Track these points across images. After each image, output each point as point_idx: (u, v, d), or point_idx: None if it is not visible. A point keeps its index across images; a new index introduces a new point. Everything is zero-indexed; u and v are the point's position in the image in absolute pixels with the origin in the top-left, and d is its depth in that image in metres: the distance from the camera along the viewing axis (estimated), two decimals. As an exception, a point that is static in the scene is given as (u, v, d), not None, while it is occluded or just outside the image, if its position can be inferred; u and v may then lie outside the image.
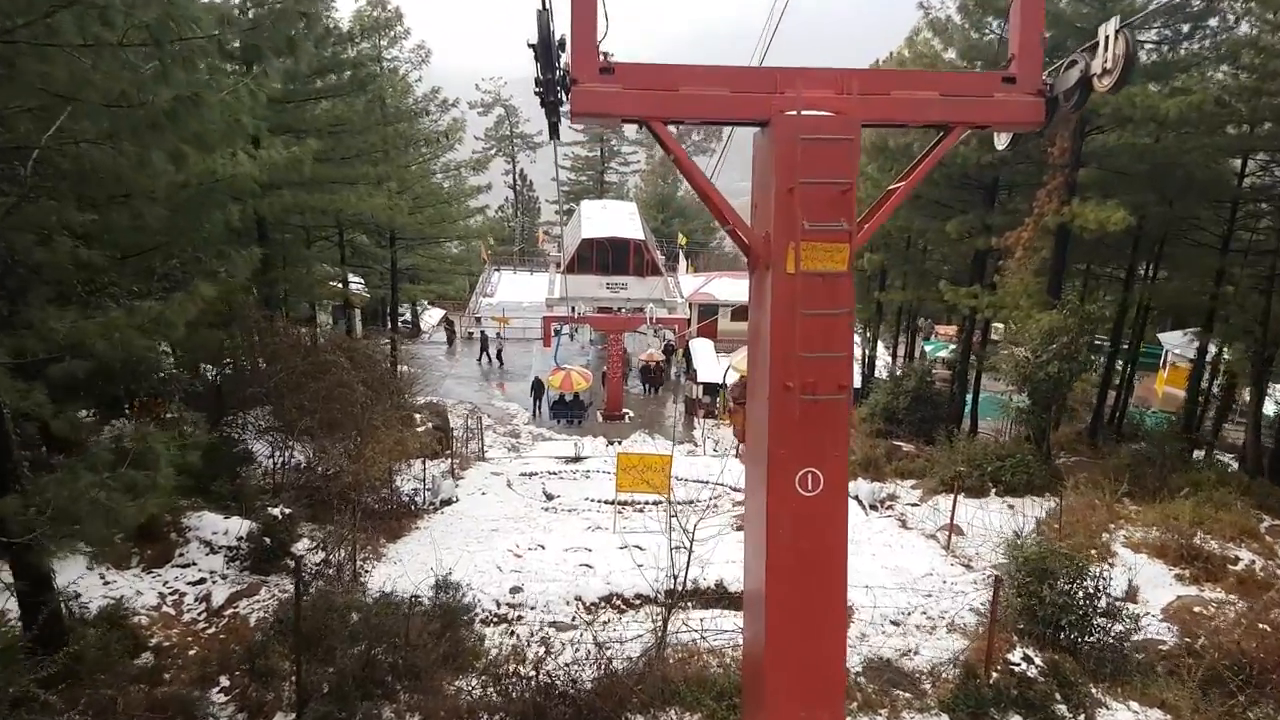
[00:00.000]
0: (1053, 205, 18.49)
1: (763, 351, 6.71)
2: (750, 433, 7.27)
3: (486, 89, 72.12)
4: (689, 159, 6.62)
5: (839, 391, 6.43)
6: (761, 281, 6.78)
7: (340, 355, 17.36)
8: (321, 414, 15.70)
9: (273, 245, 21.58)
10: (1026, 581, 10.31)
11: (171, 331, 8.34)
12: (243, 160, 13.72)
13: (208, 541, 13.45)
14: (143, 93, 6.69)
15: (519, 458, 28.82)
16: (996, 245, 20.36)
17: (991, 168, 21.02)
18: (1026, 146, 20.81)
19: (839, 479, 6.61)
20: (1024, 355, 17.82)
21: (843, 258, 6.36)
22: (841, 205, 6.31)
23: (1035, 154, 20.15)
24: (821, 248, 6.31)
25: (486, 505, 18.94)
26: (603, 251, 35.91)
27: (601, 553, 14.84)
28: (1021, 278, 19.32)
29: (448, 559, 13.79)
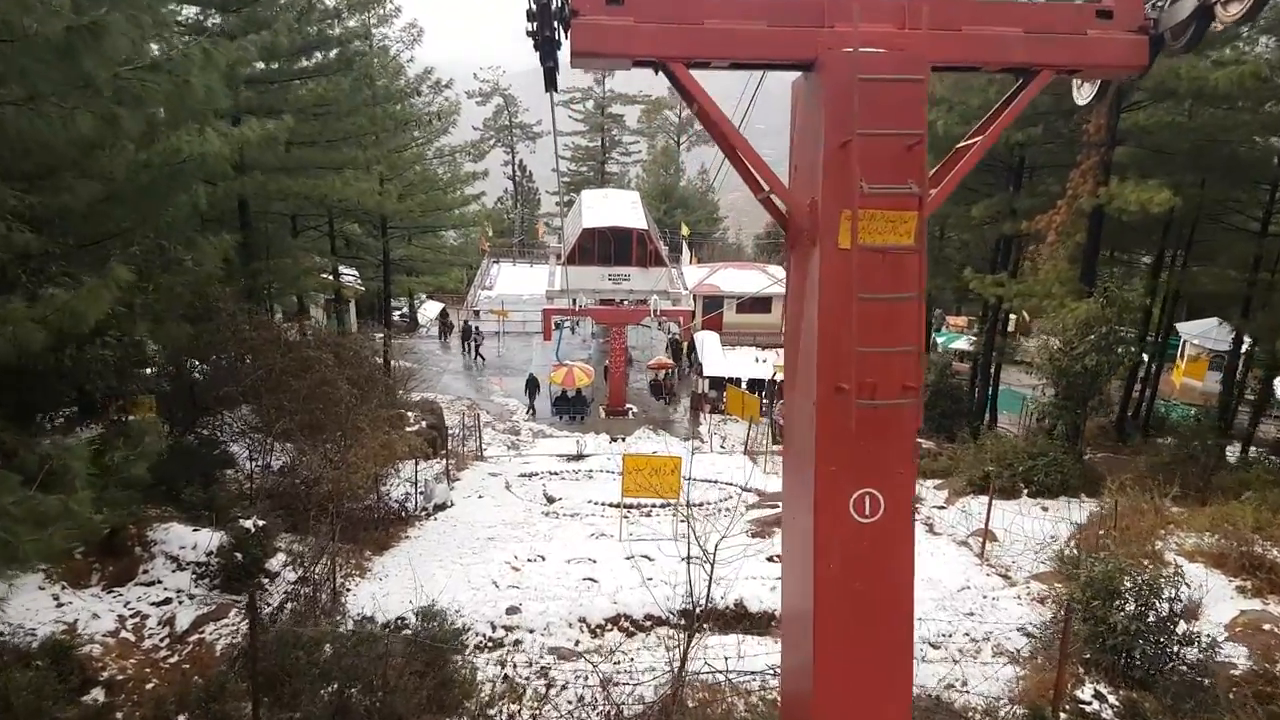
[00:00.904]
0: (1088, 186, 17.24)
1: (807, 346, 5.49)
2: (790, 444, 6.05)
3: (485, 78, 70.82)
4: (716, 107, 5.38)
5: (905, 395, 5.22)
6: (804, 260, 5.56)
7: (325, 351, 16.12)
8: (303, 415, 14.49)
9: (255, 234, 20.41)
10: (1093, 604, 9.11)
11: (79, 324, 7.09)
12: (211, 138, 12.51)
13: (175, 556, 12.25)
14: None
15: (518, 456, 27.65)
16: (1025, 230, 19.10)
17: (1019, 147, 19.80)
18: (1055, 124, 19.56)
19: (903, 502, 5.40)
20: (1058, 347, 16.60)
21: (909, 228, 5.14)
22: (909, 163, 5.09)
23: (1066, 132, 18.91)
24: (884, 217, 5.10)
25: (483, 510, 17.76)
26: (604, 242, 34.69)
27: (607, 564, 13.64)
28: (1055, 264, 18.07)
29: (439, 574, 12.62)
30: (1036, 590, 12.25)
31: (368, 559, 13.07)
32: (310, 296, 31.52)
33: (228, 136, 13.17)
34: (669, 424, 33.17)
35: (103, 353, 11.27)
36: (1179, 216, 20.18)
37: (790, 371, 5.96)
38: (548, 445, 29.35)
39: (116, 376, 11.96)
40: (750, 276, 44.23)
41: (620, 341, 33.75)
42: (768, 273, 45.08)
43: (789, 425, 5.97)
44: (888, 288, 5.13)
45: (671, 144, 72.22)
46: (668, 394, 34.33)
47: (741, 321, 42.25)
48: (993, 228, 21.00)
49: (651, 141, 74.23)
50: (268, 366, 15.09)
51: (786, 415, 6.08)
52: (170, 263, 12.02)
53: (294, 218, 23.24)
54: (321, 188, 18.61)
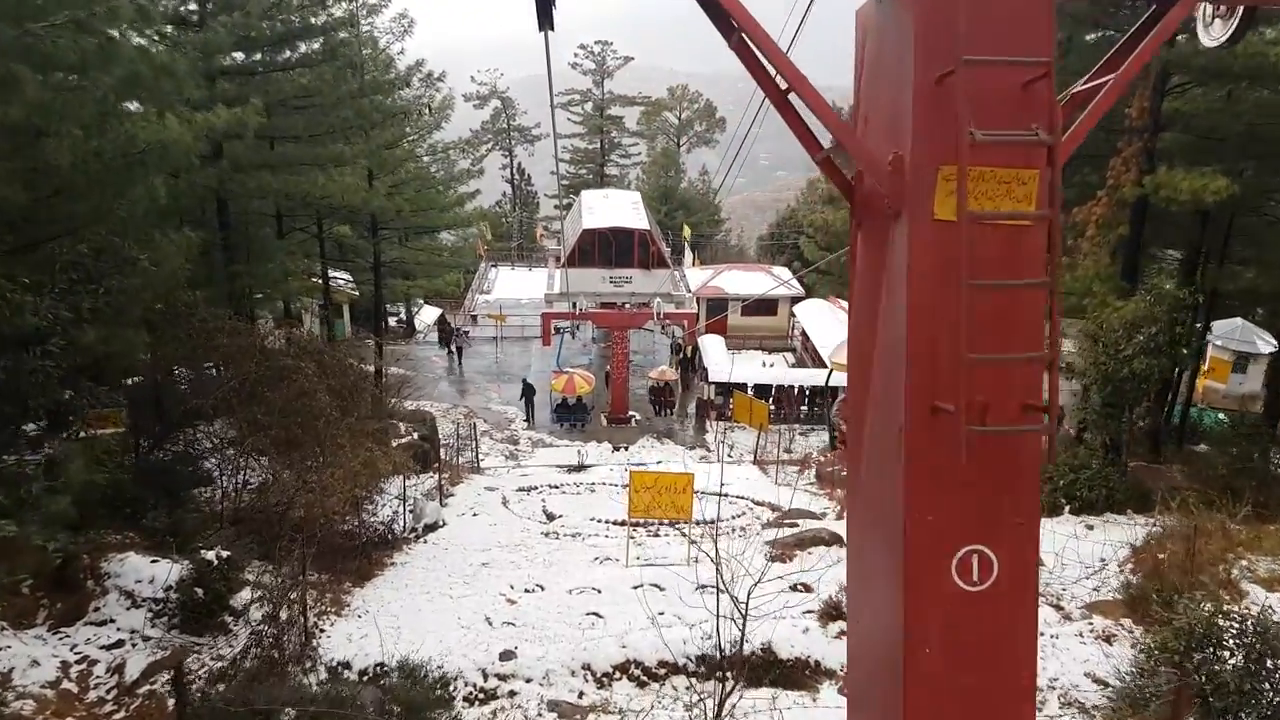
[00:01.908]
0: (1130, 175, 15.90)
1: (889, 352, 4.14)
2: (860, 482, 4.67)
3: (482, 80, 69.59)
4: (763, 31, 4.03)
5: (1027, 417, 3.88)
6: (880, 238, 4.22)
7: (306, 360, 14.77)
8: (279, 429, 13.15)
9: (236, 235, 19.11)
10: (1187, 651, 7.74)
11: None
12: (172, 124, 11.20)
13: (130, 592, 10.87)
14: None
15: (517, 466, 26.34)
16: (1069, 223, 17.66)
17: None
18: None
19: (1024, 563, 4.04)
20: (1102, 349, 15.23)
21: (1030, 191, 3.81)
22: (1032, 102, 3.75)
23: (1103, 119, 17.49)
24: (997, 176, 3.76)
25: (478, 530, 16.41)
26: (605, 243, 33.36)
27: (613, 594, 12.28)
28: (1095, 259, 16.70)
29: (426, 610, 11.26)
30: (1101, 627, 10.87)
31: (347, 591, 11.71)
32: (302, 302, 30.25)
33: (191, 123, 11.86)
34: (673, 432, 31.85)
35: (43, 363, 9.93)
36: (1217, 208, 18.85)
37: (858, 385, 4.60)
38: (547, 455, 28.03)
39: (64, 389, 10.64)
40: (755, 278, 42.91)
41: (622, 346, 32.43)
42: (773, 274, 43.76)
43: (857, 457, 4.61)
44: (1005, 271, 3.80)
45: (672, 145, 70.96)
46: (668, 406, 32.76)
47: (746, 325, 40.95)
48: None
49: (651, 143, 72.97)
50: (242, 377, 13.77)
51: (853, 443, 4.72)
52: (125, 262, 10.69)
53: (279, 218, 21.91)
54: (304, 184, 17.29)
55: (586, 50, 64.78)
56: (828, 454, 27.19)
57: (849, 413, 4.87)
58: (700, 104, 73.20)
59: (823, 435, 30.83)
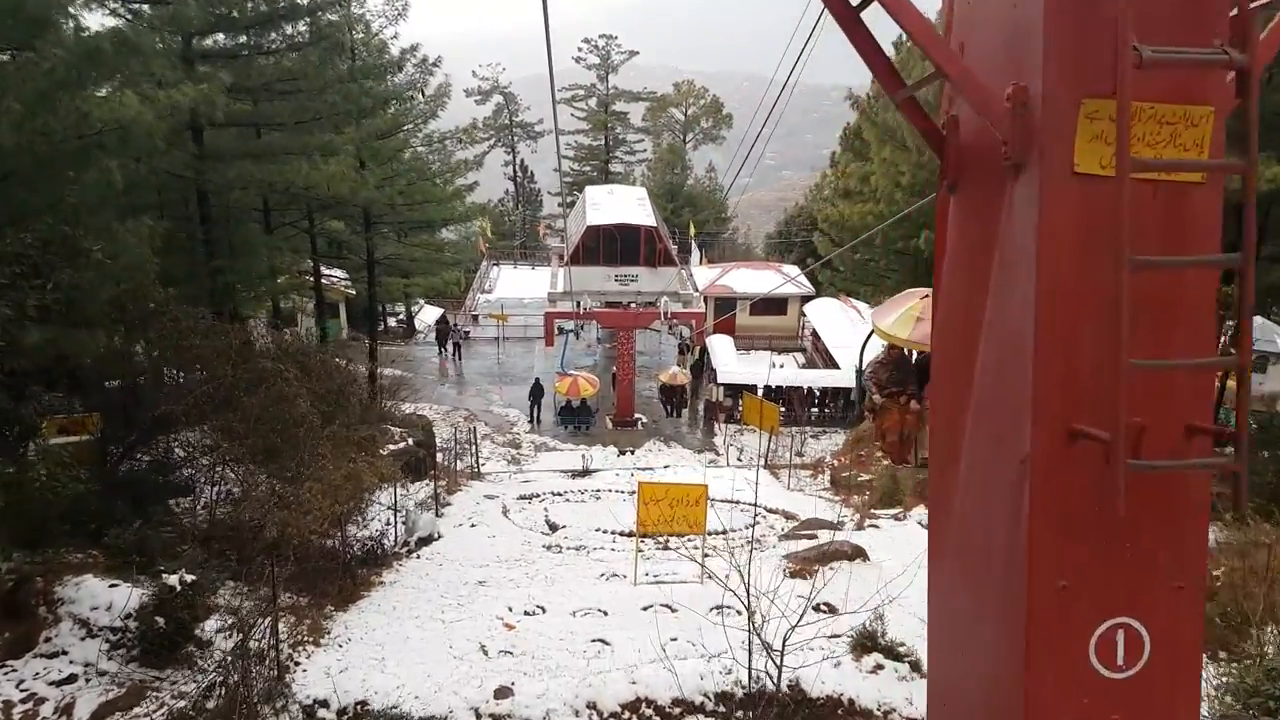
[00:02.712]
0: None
1: (1001, 353, 3.06)
2: (952, 521, 3.57)
3: (484, 75, 68.62)
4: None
5: (1196, 445, 2.83)
6: (985, 200, 3.13)
7: (289, 363, 13.76)
8: (255, 439, 12.13)
9: (218, 229, 18.11)
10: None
11: None
12: (130, 101, 10.16)
13: (85, 620, 9.84)
14: None
15: (519, 471, 25.34)
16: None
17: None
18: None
19: (1186, 642, 2.98)
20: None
21: (1203, 134, 2.75)
22: (1208, 9, 2.70)
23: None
24: (1161, 115, 2.70)
25: (475, 542, 15.39)
26: (610, 240, 32.35)
27: (621, 617, 11.25)
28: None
29: (414, 637, 10.22)
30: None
31: (328, 616, 10.66)
32: (295, 302, 29.23)
33: (154, 101, 10.82)
34: (680, 435, 30.82)
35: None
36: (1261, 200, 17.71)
37: (948, 389, 3.50)
38: (551, 460, 27.04)
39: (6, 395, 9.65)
40: (764, 277, 41.83)
41: (628, 347, 31.40)
42: (782, 272, 42.69)
43: (945, 481, 3.53)
44: (1166, 246, 2.74)
45: (678, 142, 69.93)
46: (679, 406, 31.60)
47: (755, 324, 39.90)
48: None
49: (657, 140, 71.98)
50: (216, 381, 12.75)
51: (940, 460, 3.63)
52: (76, 255, 9.68)
53: (267, 212, 20.91)
54: (287, 173, 16.26)
55: (591, 44, 63.75)
56: (840, 458, 26.13)
57: (935, 422, 3.79)
58: (706, 100, 72.17)
59: (836, 438, 29.77)
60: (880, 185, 22.21)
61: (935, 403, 3.76)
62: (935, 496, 3.73)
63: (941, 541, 3.66)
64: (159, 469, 13.40)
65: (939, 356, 3.67)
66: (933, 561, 3.77)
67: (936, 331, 3.66)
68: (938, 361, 3.69)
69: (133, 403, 12.85)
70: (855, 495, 20.57)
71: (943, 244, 3.55)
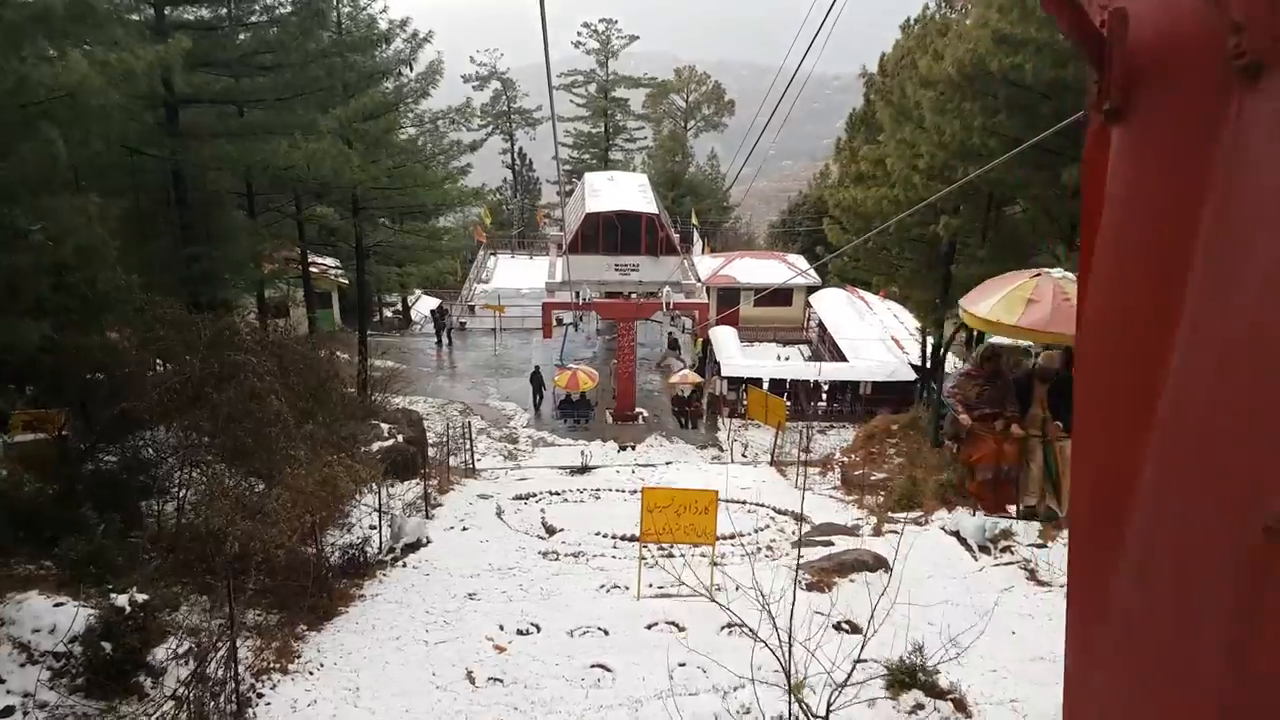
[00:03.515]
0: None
1: (1210, 359, 1.99)
2: (1107, 575, 2.50)
3: (482, 61, 67.42)
4: None
5: None
6: (1185, 125, 2.06)
7: (264, 355, 12.71)
8: (224, 438, 11.10)
9: (195, 213, 17.05)
10: None
11: None
12: (77, 64, 9.09)
13: (25, 644, 8.82)
14: None
15: (515, 468, 24.35)
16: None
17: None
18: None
19: None
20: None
21: None
22: None
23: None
24: None
25: (466, 548, 14.36)
26: (610, 228, 31.28)
27: (623, 636, 10.24)
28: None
29: (394, 663, 9.20)
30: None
31: (300, 637, 9.63)
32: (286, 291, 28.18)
33: (106, 65, 9.75)
34: (683, 430, 29.81)
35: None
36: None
37: (1107, 416, 2.44)
38: (549, 455, 26.04)
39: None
40: (769, 266, 40.80)
41: (629, 339, 30.37)
42: (787, 262, 41.64)
43: (1101, 554, 2.48)
44: None
45: (679, 129, 68.77)
46: (694, 417, 30.33)
47: (760, 315, 38.89)
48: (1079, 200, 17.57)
49: (657, 128, 70.83)
50: (184, 376, 11.73)
51: (1091, 528, 2.58)
52: (12, 236, 8.64)
53: (250, 196, 19.85)
54: (265, 152, 15.18)
55: (590, 29, 62.51)
56: (851, 455, 25.12)
57: (1084, 458, 2.69)
58: (708, 86, 70.99)
59: (845, 434, 28.75)
60: (896, 169, 21.11)
61: (1084, 428, 2.70)
62: (1083, 564, 2.67)
63: (1093, 633, 2.60)
64: (128, 468, 12.41)
65: (1090, 360, 2.59)
66: (1078, 657, 2.71)
67: (1087, 323, 2.59)
68: (1089, 366, 2.62)
69: (92, 399, 11.83)
70: (869, 496, 19.57)
71: (1097, 197, 2.47)
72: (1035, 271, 6.91)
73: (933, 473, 18.77)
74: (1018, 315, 6.67)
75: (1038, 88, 16.85)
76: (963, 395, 7.89)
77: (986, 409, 7.98)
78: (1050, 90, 17.02)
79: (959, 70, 17.78)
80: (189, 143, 15.63)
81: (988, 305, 7.00)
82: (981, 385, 8.01)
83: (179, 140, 15.84)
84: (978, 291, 7.43)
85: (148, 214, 17.19)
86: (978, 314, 7.08)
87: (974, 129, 18.21)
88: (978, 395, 8.00)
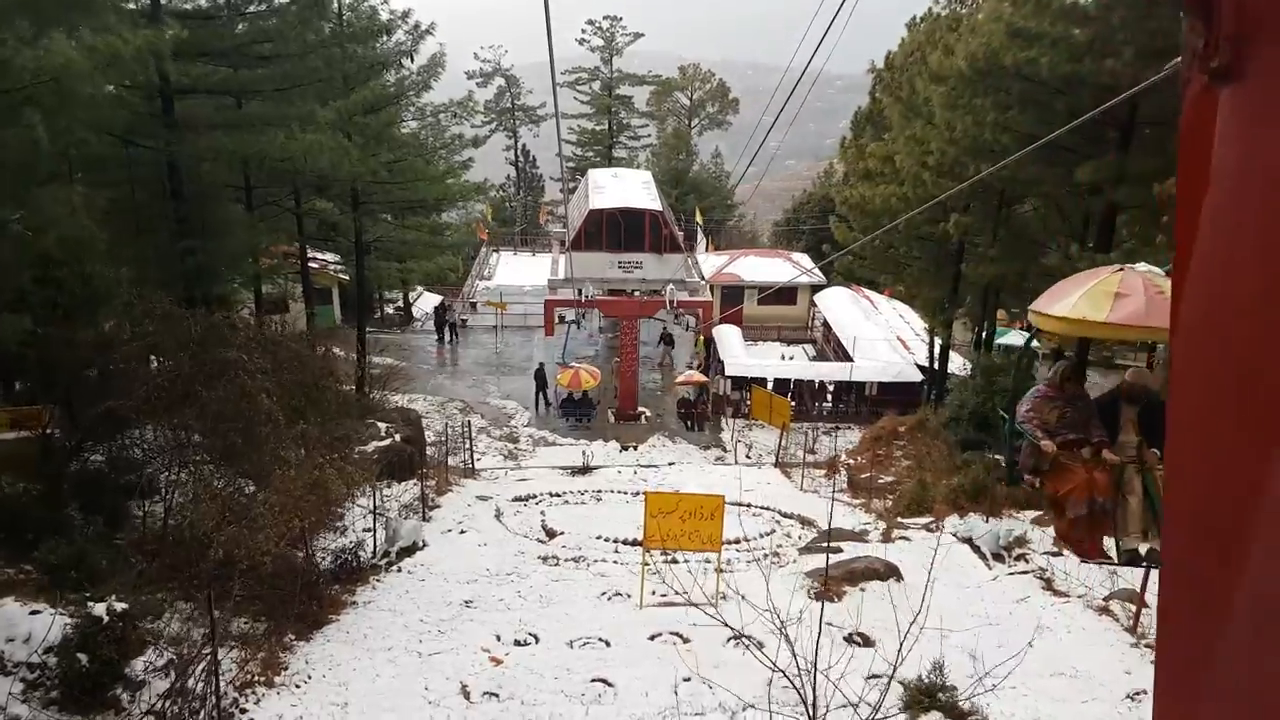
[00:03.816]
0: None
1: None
2: (1225, 665, 2.10)
3: (486, 58, 66.92)
4: None
5: None
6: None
7: (257, 353, 12.31)
8: (213, 438, 10.70)
9: (193, 206, 16.66)
10: None
11: None
12: (59, 45, 8.70)
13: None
14: None
15: (516, 468, 23.94)
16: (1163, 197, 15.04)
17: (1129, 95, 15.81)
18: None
19: None
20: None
21: None
22: None
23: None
24: None
25: (464, 552, 13.97)
26: (614, 225, 30.83)
27: (625, 648, 9.85)
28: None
29: (385, 675, 8.80)
30: None
31: (287, 647, 9.24)
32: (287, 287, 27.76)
33: (93, 50, 9.35)
34: (686, 430, 29.36)
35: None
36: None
37: (1216, 435, 2.04)
38: (550, 455, 25.61)
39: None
40: (773, 265, 40.37)
41: (631, 337, 29.92)
42: (792, 260, 41.20)
43: (1209, 603, 2.08)
44: None
45: (683, 126, 68.30)
46: (700, 420, 29.81)
47: (763, 314, 38.41)
48: (1094, 198, 17.11)
49: (661, 125, 70.30)
50: (173, 373, 11.33)
51: (1193, 571, 2.17)
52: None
53: (248, 190, 19.45)
54: (261, 143, 14.77)
55: (594, 26, 62.03)
56: (856, 457, 24.68)
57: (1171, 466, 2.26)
58: (713, 84, 70.49)
59: (850, 435, 28.28)
60: (905, 165, 20.67)
61: (1181, 445, 2.28)
62: (1179, 615, 2.25)
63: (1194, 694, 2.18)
64: (115, 468, 12.02)
65: (1190, 364, 2.19)
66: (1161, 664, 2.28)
67: (1184, 322, 2.17)
68: (1187, 372, 2.20)
69: (78, 395, 11.43)
70: (876, 500, 19.16)
71: (1200, 172, 2.06)
72: (1116, 267, 6.24)
73: (942, 476, 18.35)
74: (1106, 311, 5.69)
75: (1052, 83, 16.39)
76: (1040, 420, 6.71)
77: (1069, 434, 6.75)
78: (1065, 85, 16.56)
79: (971, 65, 17.33)
80: (185, 134, 15.24)
81: (1068, 304, 6.05)
82: (1061, 407, 6.73)
83: (175, 131, 15.46)
84: (1049, 295, 6.55)
85: (144, 207, 16.81)
86: (1056, 314, 6.04)
87: (986, 125, 17.78)
88: (1058, 419, 6.73)
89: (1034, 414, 6.63)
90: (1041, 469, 6.65)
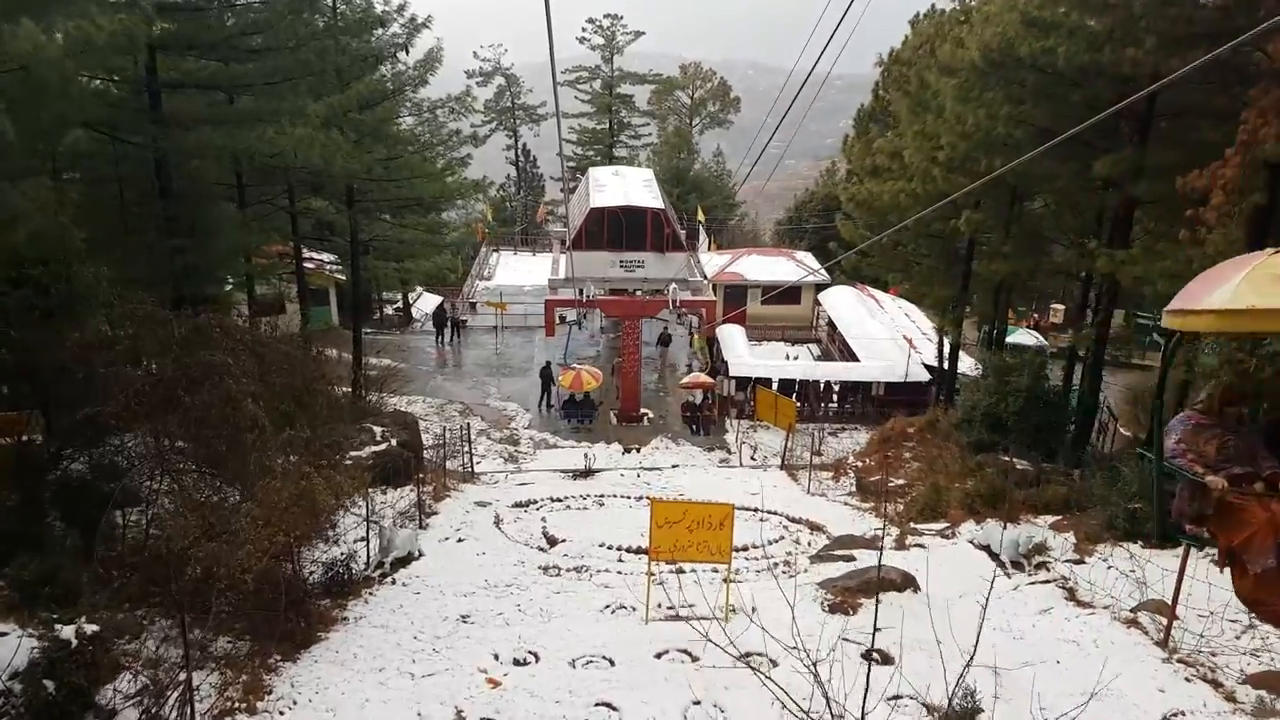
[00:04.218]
0: (1272, 129, 12.76)
1: None
2: None
3: (486, 56, 66.49)
4: None
5: None
6: None
7: (244, 355, 11.79)
8: (196, 445, 10.19)
9: (182, 205, 16.17)
10: None
11: None
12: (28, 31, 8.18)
13: (-37, 679, 7.92)
14: None
15: (516, 472, 23.41)
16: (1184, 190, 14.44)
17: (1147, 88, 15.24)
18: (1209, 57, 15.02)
19: None
20: (1235, 345, 12.16)
21: None
22: None
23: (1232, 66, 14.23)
24: None
25: (461, 563, 13.46)
26: (615, 224, 30.37)
27: (631, 667, 9.31)
28: (1225, 232, 13.55)
29: (374, 700, 8.26)
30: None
31: (272, 669, 8.70)
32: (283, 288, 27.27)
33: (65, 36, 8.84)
34: (689, 432, 28.84)
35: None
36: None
37: None
38: (551, 458, 25.11)
39: None
40: (777, 264, 39.88)
41: (634, 337, 29.42)
42: (796, 259, 40.69)
43: None
44: None
45: (684, 125, 67.79)
46: (706, 424, 29.24)
47: (767, 314, 37.92)
48: (1110, 193, 16.58)
49: (662, 124, 69.87)
50: (154, 378, 10.82)
51: None
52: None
53: (241, 188, 18.94)
54: (249, 138, 14.26)
55: (595, 25, 61.59)
56: (865, 459, 24.13)
57: None
58: (714, 83, 70.01)
59: (857, 436, 27.73)
60: (914, 161, 20.13)
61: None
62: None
63: None
64: (97, 476, 11.50)
65: None
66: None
67: None
68: None
69: (55, 401, 10.91)
70: (887, 504, 18.61)
71: None
72: (1271, 250, 5.37)
73: (955, 480, 17.83)
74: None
75: (1069, 74, 15.84)
76: (1197, 454, 5.48)
77: (1235, 468, 5.47)
78: (1081, 76, 16.00)
79: (985, 56, 16.79)
80: (173, 130, 14.73)
81: (1225, 294, 4.89)
82: (1221, 436, 5.65)
83: (162, 127, 14.95)
84: (1187, 293, 5.40)
85: (131, 205, 16.33)
86: (1214, 308, 4.70)
87: (999, 118, 17.25)
88: (1218, 451, 5.58)
89: (1185, 446, 5.45)
90: (1206, 514, 5.55)
